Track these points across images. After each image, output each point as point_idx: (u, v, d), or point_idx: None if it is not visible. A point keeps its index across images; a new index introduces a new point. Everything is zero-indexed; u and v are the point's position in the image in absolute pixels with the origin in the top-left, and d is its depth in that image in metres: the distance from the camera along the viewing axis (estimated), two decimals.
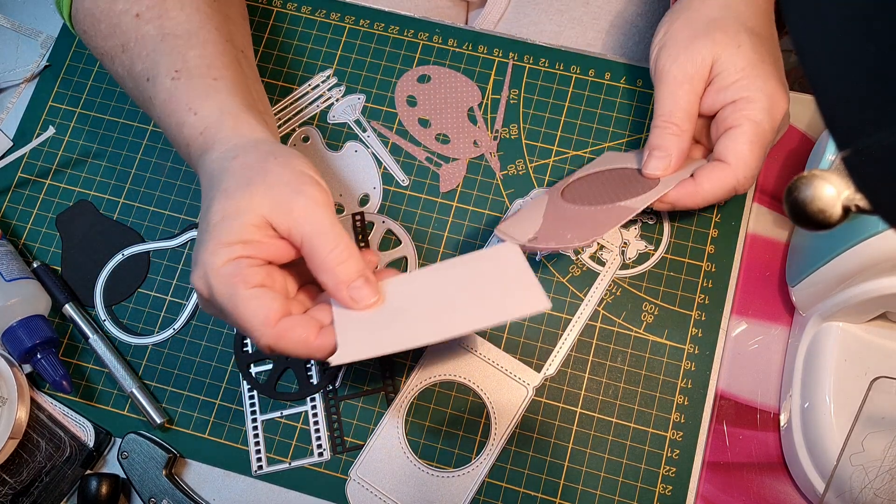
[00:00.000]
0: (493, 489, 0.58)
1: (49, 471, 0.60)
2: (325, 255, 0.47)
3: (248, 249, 0.47)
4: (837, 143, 0.29)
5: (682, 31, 0.53)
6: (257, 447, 0.60)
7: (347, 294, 0.48)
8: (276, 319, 0.46)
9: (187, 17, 0.55)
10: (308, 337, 0.47)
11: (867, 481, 0.52)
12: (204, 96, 0.53)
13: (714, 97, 0.53)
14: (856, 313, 0.55)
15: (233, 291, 0.46)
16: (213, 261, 0.46)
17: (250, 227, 0.47)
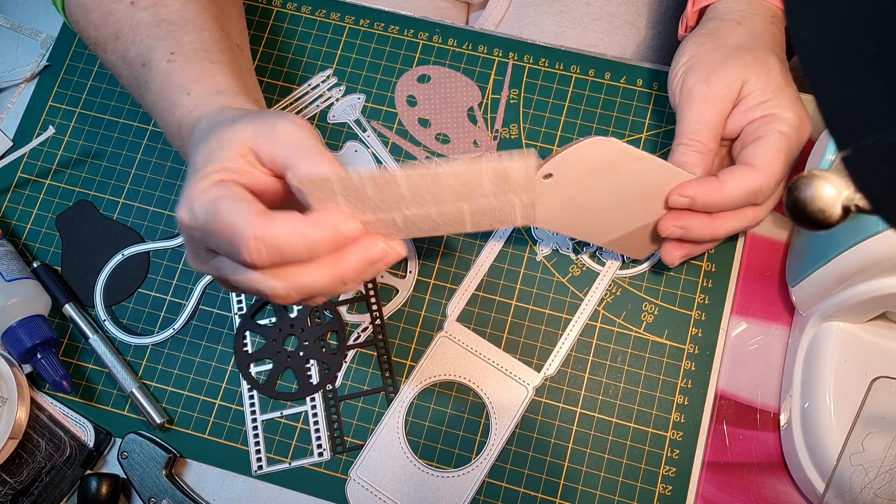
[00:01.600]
0: (493, 489, 0.58)
1: (49, 471, 0.60)
2: (311, 168, 0.43)
3: (231, 175, 0.44)
4: (837, 143, 0.29)
5: (711, 55, 0.54)
6: (257, 447, 0.60)
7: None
8: (260, 209, 0.42)
9: (182, 5, 0.55)
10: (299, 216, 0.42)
11: (867, 481, 0.52)
12: (199, 78, 0.51)
13: (741, 117, 0.53)
14: (856, 313, 0.55)
15: (214, 203, 0.42)
16: (196, 189, 0.43)
17: (234, 154, 0.44)
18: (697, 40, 0.56)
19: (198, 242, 0.45)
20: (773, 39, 0.55)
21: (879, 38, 0.26)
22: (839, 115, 0.28)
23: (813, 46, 0.28)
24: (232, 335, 0.63)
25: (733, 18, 0.55)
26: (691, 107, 0.53)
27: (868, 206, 0.31)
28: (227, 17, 0.60)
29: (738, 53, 0.53)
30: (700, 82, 0.53)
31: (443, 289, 0.63)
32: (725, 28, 0.55)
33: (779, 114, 0.52)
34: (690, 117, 0.53)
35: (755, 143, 0.52)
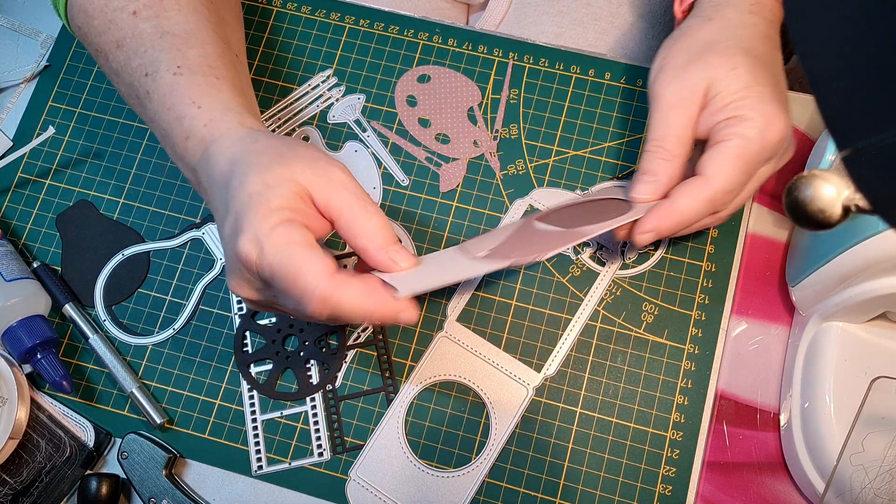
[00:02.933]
0: (493, 489, 0.58)
1: (49, 471, 0.60)
2: (366, 221, 0.47)
3: (295, 215, 0.46)
4: (837, 143, 0.29)
5: (677, 56, 0.52)
6: (257, 447, 0.60)
7: (388, 256, 0.47)
8: (333, 269, 0.45)
9: (185, 17, 0.55)
10: (368, 288, 0.46)
11: (867, 481, 0.52)
12: (207, 93, 0.52)
13: (709, 119, 0.51)
14: (856, 313, 0.55)
15: (287, 248, 0.45)
16: (264, 224, 0.45)
17: (294, 195, 0.46)
18: (668, 41, 0.54)
19: (255, 275, 0.47)
20: (748, 32, 0.52)
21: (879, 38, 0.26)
22: (839, 115, 0.28)
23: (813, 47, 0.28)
24: (232, 335, 0.63)
25: (705, 14, 0.53)
26: (656, 112, 0.52)
27: (868, 206, 0.31)
28: (226, 26, 0.60)
29: (701, 54, 0.51)
30: (664, 87, 0.52)
31: (443, 289, 0.63)
32: (695, 25, 0.53)
33: (742, 115, 0.50)
34: (656, 123, 0.52)
35: (711, 149, 0.50)
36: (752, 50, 0.51)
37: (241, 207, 0.46)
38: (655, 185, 0.51)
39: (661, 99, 0.51)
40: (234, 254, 0.47)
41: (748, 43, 0.51)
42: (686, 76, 0.51)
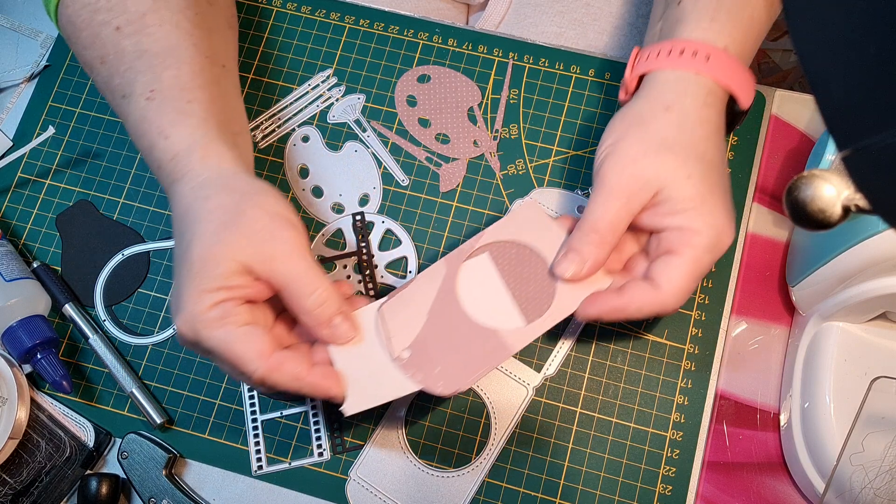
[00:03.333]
0: (493, 489, 0.58)
1: (49, 471, 0.60)
2: (305, 299, 0.49)
3: (230, 293, 0.48)
4: (837, 143, 0.29)
5: (632, 146, 0.50)
6: (257, 447, 0.60)
7: (328, 332, 0.50)
8: (270, 352, 0.48)
9: (166, 33, 0.55)
10: (300, 371, 0.48)
11: (867, 481, 0.52)
12: (175, 121, 0.53)
13: (658, 219, 0.50)
14: (856, 313, 0.55)
15: (221, 335, 0.47)
16: (198, 307, 0.48)
17: (231, 274, 0.48)
18: (623, 123, 0.52)
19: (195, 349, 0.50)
20: (704, 130, 0.50)
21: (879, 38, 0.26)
22: (839, 115, 0.28)
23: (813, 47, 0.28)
24: None
25: (663, 100, 0.50)
26: (600, 195, 0.50)
27: (868, 206, 0.31)
28: (214, 36, 0.59)
29: (658, 153, 0.49)
30: (614, 173, 0.50)
31: None
32: (653, 113, 0.50)
33: (695, 229, 0.49)
34: (596, 207, 0.50)
35: (666, 259, 0.50)
36: (705, 154, 0.50)
37: (182, 280, 0.49)
38: (579, 266, 0.51)
39: (607, 184, 0.50)
40: (176, 326, 0.49)
41: (702, 146, 0.50)
42: (639, 171, 0.49)
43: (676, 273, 0.49)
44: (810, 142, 0.64)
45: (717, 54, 0.50)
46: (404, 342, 0.52)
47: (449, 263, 0.55)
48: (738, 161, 0.64)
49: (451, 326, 0.53)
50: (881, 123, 0.27)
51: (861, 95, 0.27)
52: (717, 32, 0.51)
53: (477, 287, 0.54)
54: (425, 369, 0.51)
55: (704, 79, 0.50)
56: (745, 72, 0.52)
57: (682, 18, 0.53)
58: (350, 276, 0.63)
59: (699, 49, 0.50)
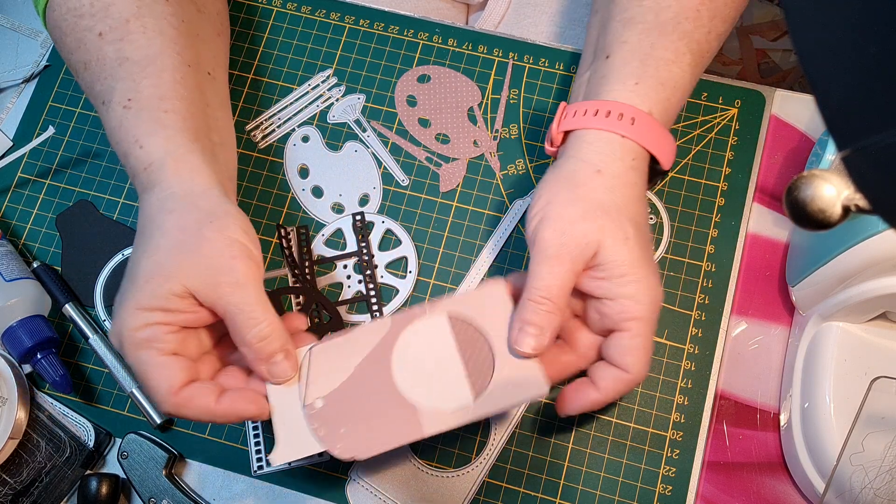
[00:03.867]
0: (493, 489, 0.58)
1: (49, 471, 0.60)
2: (247, 331, 0.48)
3: (166, 317, 0.48)
4: (837, 143, 0.29)
5: (567, 208, 0.50)
6: (257, 447, 0.60)
7: (266, 369, 0.50)
8: (178, 388, 0.48)
9: (148, 40, 0.55)
10: (208, 404, 0.48)
11: (867, 481, 0.52)
12: (150, 131, 0.53)
13: (596, 283, 0.50)
14: (856, 313, 0.55)
15: (142, 357, 0.48)
16: (129, 322, 0.48)
17: (172, 296, 0.48)
18: (556, 185, 0.51)
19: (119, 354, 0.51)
20: (631, 192, 0.51)
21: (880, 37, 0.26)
22: (839, 115, 0.28)
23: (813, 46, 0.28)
24: None
25: (593, 163, 0.51)
26: (544, 261, 0.50)
27: (868, 206, 0.31)
28: (202, 44, 0.59)
29: (595, 215, 0.50)
30: (553, 237, 0.50)
31: (443, 289, 0.63)
32: (584, 175, 0.51)
33: (637, 297, 0.49)
34: (542, 273, 0.50)
35: (620, 340, 0.50)
36: (635, 217, 0.51)
37: (125, 289, 0.49)
38: (541, 338, 0.50)
39: (548, 249, 0.50)
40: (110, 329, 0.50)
41: (632, 208, 0.51)
42: (578, 234, 0.49)
43: (638, 353, 0.50)
44: (810, 142, 0.64)
45: (641, 118, 0.51)
46: (321, 391, 0.50)
47: (395, 322, 0.52)
48: (738, 161, 0.64)
49: (372, 388, 0.51)
50: (881, 123, 0.27)
51: (861, 95, 0.27)
52: (642, 96, 0.52)
53: (413, 353, 0.51)
54: (330, 426, 0.49)
55: (630, 143, 0.51)
56: (667, 136, 0.53)
57: (608, 76, 0.53)
58: (350, 275, 0.63)
59: (625, 112, 0.51)
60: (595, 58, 0.57)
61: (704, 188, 0.64)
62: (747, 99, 0.65)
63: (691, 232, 0.63)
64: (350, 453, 0.49)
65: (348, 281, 0.63)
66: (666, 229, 0.63)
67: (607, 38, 0.55)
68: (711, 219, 0.63)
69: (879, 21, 0.26)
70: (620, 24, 0.55)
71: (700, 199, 0.63)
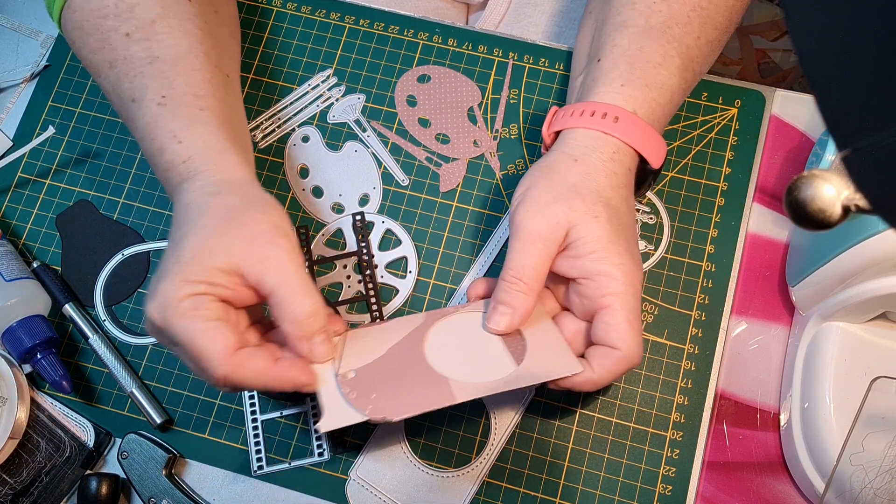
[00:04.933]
0: (493, 489, 0.58)
1: (49, 471, 0.60)
2: (294, 307, 0.48)
3: (210, 289, 0.48)
4: (837, 143, 0.29)
5: (542, 193, 0.52)
6: (257, 447, 0.60)
7: (307, 348, 0.49)
8: (233, 350, 0.47)
9: (176, 41, 0.55)
10: (266, 366, 0.48)
11: (867, 481, 0.52)
12: (189, 126, 0.53)
13: (570, 263, 0.51)
14: (856, 313, 0.55)
15: (190, 323, 0.47)
16: (174, 293, 0.47)
17: (219, 271, 0.48)
18: (534, 173, 0.53)
19: (160, 337, 0.49)
20: (609, 181, 0.52)
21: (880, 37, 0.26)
22: (839, 115, 0.28)
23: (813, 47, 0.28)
24: None
25: (572, 154, 0.53)
26: (517, 242, 0.51)
27: (868, 206, 0.31)
28: (219, 46, 0.60)
29: (567, 196, 0.51)
30: (527, 219, 0.51)
31: (443, 289, 0.63)
32: (562, 164, 0.53)
33: (609, 272, 0.50)
34: (516, 254, 0.51)
35: (604, 318, 0.50)
36: (610, 200, 0.52)
37: (168, 265, 0.49)
38: (510, 317, 0.51)
39: (522, 231, 0.51)
40: (146, 308, 0.49)
41: (608, 193, 0.52)
42: (549, 214, 0.51)
43: (621, 327, 0.50)
44: (810, 142, 0.64)
45: (625, 116, 0.53)
46: (354, 365, 0.51)
47: (428, 315, 0.55)
48: (738, 161, 0.64)
49: (405, 364, 0.52)
50: (881, 123, 0.27)
51: (861, 95, 0.27)
52: (627, 97, 0.54)
53: (446, 341, 0.53)
54: (362, 391, 0.50)
55: (611, 139, 0.53)
56: (653, 134, 0.54)
57: (598, 79, 0.55)
58: (350, 275, 0.63)
59: (609, 111, 0.53)
60: (589, 61, 0.58)
61: (704, 188, 0.64)
62: (747, 99, 0.65)
63: (691, 232, 0.63)
64: (381, 414, 0.49)
65: (348, 281, 0.63)
66: (666, 229, 0.63)
67: (601, 41, 0.57)
68: (711, 219, 0.63)
69: (879, 21, 0.26)
70: (613, 28, 0.56)
71: (700, 199, 0.63)
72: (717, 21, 0.57)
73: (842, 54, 0.27)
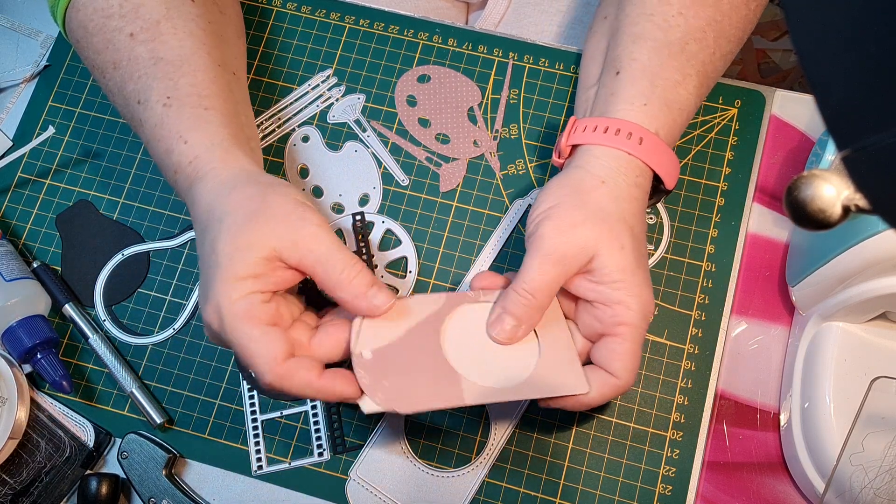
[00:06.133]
0: (493, 489, 0.58)
1: (49, 471, 0.60)
2: (339, 273, 0.49)
3: (258, 283, 0.48)
4: (837, 143, 0.29)
5: (571, 212, 0.51)
6: (257, 447, 0.60)
7: (367, 303, 0.50)
8: (283, 359, 0.48)
9: (180, 41, 0.56)
10: (311, 378, 0.48)
11: (867, 481, 0.52)
12: (194, 126, 0.53)
13: (589, 287, 0.51)
14: (856, 313, 0.55)
15: (244, 329, 0.48)
16: (227, 296, 0.48)
17: (261, 260, 0.48)
18: (561, 190, 0.53)
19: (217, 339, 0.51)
20: (632, 206, 0.52)
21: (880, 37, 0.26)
22: (839, 115, 0.28)
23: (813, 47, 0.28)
24: None
25: (599, 175, 0.52)
26: (536, 258, 0.51)
27: (868, 206, 0.31)
28: (225, 45, 0.60)
29: (595, 221, 0.51)
30: (553, 237, 0.51)
31: (443, 289, 0.63)
32: (589, 185, 0.52)
33: (628, 302, 0.50)
34: (533, 269, 0.51)
35: (609, 345, 0.51)
36: (633, 228, 0.52)
37: (211, 271, 0.49)
38: (515, 330, 0.51)
39: (544, 246, 0.51)
40: (202, 316, 0.50)
41: (632, 220, 0.52)
42: (577, 236, 0.50)
43: (627, 358, 0.50)
44: (810, 142, 0.64)
45: (648, 138, 0.53)
46: (371, 345, 0.51)
47: (449, 298, 0.54)
48: (738, 161, 0.64)
49: (421, 352, 0.52)
50: (881, 123, 0.27)
51: (861, 95, 0.27)
52: (650, 117, 0.53)
53: (463, 331, 0.53)
54: (375, 376, 0.50)
55: (636, 161, 0.53)
56: (672, 157, 0.54)
57: (617, 93, 0.54)
58: None
59: (633, 132, 0.53)
60: (604, 71, 0.57)
61: (704, 188, 0.64)
62: (747, 99, 0.65)
63: (691, 232, 0.63)
64: (390, 405, 0.49)
65: None
66: (666, 229, 0.63)
67: (617, 52, 0.56)
68: (711, 219, 0.63)
69: (879, 21, 0.26)
70: (630, 40, 0.56)
71: (700, 199, 0.63)
72: (730, 35, 0.57)
73: (842, 54, 0.27)
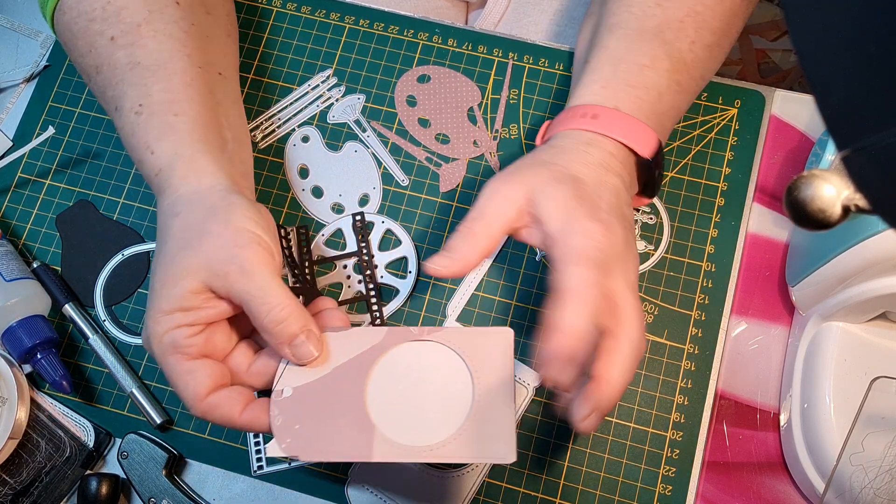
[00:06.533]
0: (493, 489, 0.58)
1: (49, 471, 0.60)
2: (264, 316, 0.48)
3: (187, 317, 0.48)
4: (837, 143, 0.29)
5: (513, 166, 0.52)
6: (257, 447, 0.60)
7: (290, 352, 0.49)
8: (204, 395, 0.48)
9: (159, 44, 0.55)
10: (232, 415, 0.49)
11: (867, 481, 0.52)
12: (161, 136, 0.53)
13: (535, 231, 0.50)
14: (856, 313, 0.55)
15: (170, 363, 0.49)
16: (155, 329, 0.49)
17: (189, 294, 0.48)
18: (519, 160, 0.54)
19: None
20: (578, 156, 0.52)
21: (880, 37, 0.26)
22: (839, 115, 0.28)
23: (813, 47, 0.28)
24: None
25: (549, 143, 0.54)
26: (478, 200, 0.51)
27: (868, 206, 0.31)
28: (211, 45, 0.59)
29: (533, 166, 0.51)
30: (492, 183, 0.51)
31: (443, 289, 0.63)
32: (538, 149, 0.54)
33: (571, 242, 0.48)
34: (473, 209, 0.51)
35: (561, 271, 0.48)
36: (578, 172, 0.51)
37: (149, 296, 0.50)
38: (451, 260, 0.50)
39: (485, 190, 0.51)
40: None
41: (576, 167, 0.51)
42: (514, 179, 0.51)
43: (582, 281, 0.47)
44: (810, 142, 0.64)
45: (605, 112, 0.53)
46: (294, 381, 0.50)
47: (390, 334, 0.51)
48: (738, 161, 0.64)
49: (342, 395, 0.49)
50: (881, 123, 0.27)
51: (861, 95, 0.27)
52: (606, 97, 0.53)
53: (394, 373, 0.50)
54: (288, 417, 0.49)
55: (597, 136, 0.53)
56: (637, 124, 0.53)
57: (579, 82, 0.56)
58: (350, 276, 0.63)
59: (588, 111, 0.53)
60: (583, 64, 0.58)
61: (704, 188, 0.64)
62: (747, 99, 0.65)
63: (691, 232, 0.63)
64: (294, 452, 0.48)
65: (348, 281, 0.63)
66: (666, 229, 0.63)
67: (593, 43, 0.57)
68: (711, 219, 0.63)
69: (879, 21, 0.26)
70: (606, 30, 0.57)
71: (700, 199, 0.63)
72: (713, 25, 0.57)
73: (842, 54, 0.27)
